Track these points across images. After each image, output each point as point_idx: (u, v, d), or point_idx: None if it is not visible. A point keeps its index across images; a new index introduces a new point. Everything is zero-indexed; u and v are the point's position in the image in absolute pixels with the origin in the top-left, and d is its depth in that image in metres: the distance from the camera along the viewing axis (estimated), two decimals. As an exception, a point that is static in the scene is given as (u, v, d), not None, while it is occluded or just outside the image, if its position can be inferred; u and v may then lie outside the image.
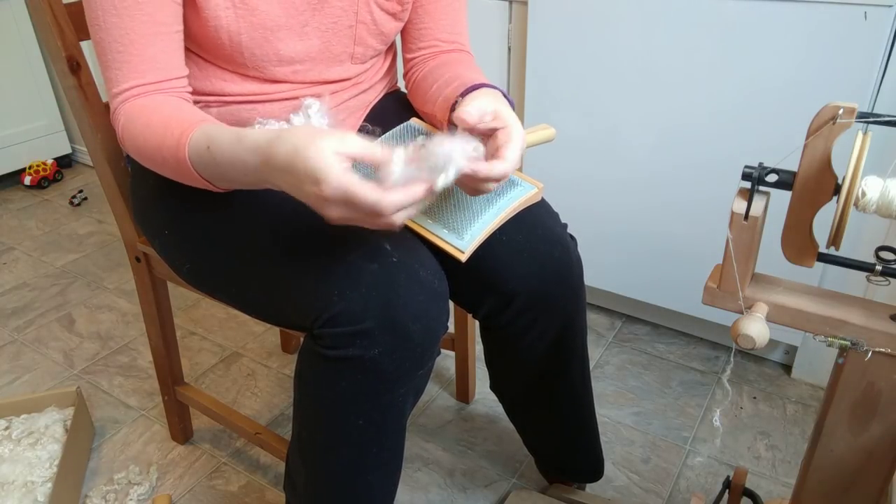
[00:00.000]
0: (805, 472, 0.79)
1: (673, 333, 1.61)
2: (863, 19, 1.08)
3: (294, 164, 0.61)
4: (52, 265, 2.00)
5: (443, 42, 0.97)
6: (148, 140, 0.75)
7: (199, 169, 0.72)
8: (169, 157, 0.73)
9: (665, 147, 1.36)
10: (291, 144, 0.61)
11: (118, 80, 0.77)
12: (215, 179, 0.73)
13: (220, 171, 0.70)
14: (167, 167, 0.75)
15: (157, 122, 0.75)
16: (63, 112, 2.55)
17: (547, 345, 0.96)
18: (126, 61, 0.76)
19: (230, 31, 0.79)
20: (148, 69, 0.77)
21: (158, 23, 0.76)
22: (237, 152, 0.67)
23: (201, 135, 0.70)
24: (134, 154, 0.79)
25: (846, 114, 0.59)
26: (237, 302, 0.86)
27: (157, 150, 0.74)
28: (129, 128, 0.77)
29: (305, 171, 0.60)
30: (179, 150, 0.71)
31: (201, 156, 0.70)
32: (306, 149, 0.60)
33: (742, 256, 0.68)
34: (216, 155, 0.69)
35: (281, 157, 0.62)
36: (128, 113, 0.77)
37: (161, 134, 0.73)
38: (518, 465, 1.27)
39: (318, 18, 0.84)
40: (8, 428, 1.28)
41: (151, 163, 0.78)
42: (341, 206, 0.61)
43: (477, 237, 0.75)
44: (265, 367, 1.55)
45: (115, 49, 0.75)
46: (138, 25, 0.75)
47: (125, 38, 0.75)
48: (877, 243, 0.72)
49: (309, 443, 0.83)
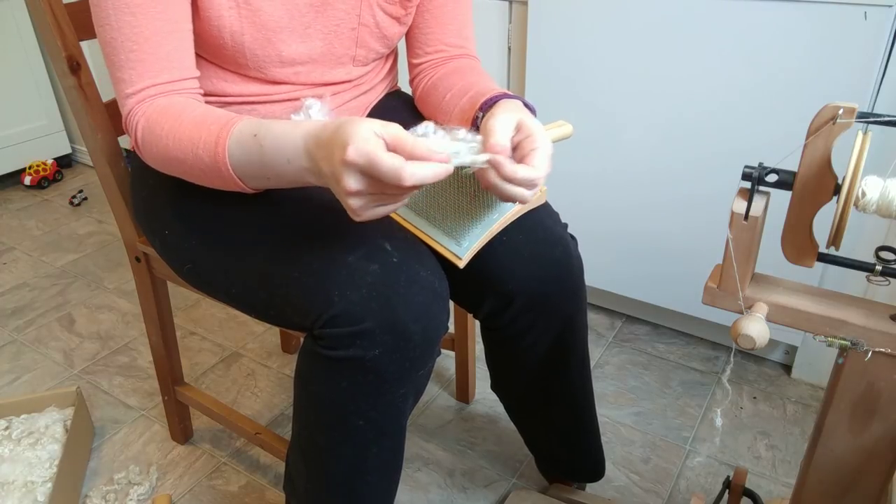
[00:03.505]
0: (805, 472, 0.79)
1: (673, 333, 1.61)
2: (863, 19, 1.08)
3: (334, 134, 0.61)
4: (52, 265, 2.00)
5: (450, 47, 0.96)
6: (179, 139, 0.73)
7: (238, 163, 0.70)
8: (204, 154, 0.71)
9: (665, 147, 1.36)
10: (341, 122, 0.62)
11: (132, 80, 0.75)
12: (251, 175, 0.71)
13: (262, 161, 0.69)
14: (198, 166, 0.73)
15: (188, 120, 0.73)
16: (63, 112, 2.56)
17: (547, 345, 0.96)
18: (140, 60, 0.74)
19: (233, 31, 0.79)
20: (162, 68, 0.75)
21: (171, 20, 0.75)
22: (291, 135, 0.66)
23: (247, 124, 0.70)
24: (156, 160, 0.77)
25: (846, 114, 0.59)
26: (237, 302, 0.86)
27: (191, 147, 0.72)
28: (154, 129, 0.75)
29: (338, 137, 0.60)
30: (219, 144, 0.70)
31: (244, 145, 0.69)
32: (349, 122, 0.61)
33: (742, 256, 0.68)
34: (264, 141, 0.68)
35: (328, 131, 0.63)
36: (149, 114, 0.75)
37: (196, 130, 0.72)
38: (518, 465, 1.27)
39: (321, 20, 0.84)
40: (8, 428, 1.28)
41: (179, 164, 0.75)
42: (361, 177, 0.60)
43: (475, 243, 0.75)
44: (265, 367, 1.55)
45: (127, 48, 0.74)
46: (151, 22, 0.73)
47: (138, 37, 0.73)
48: (877, 243, 0.72)
49: (309, 443, 0.83)
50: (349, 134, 0.60)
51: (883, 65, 1.12)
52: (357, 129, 0.60)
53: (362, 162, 0.59)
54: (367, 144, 0.59)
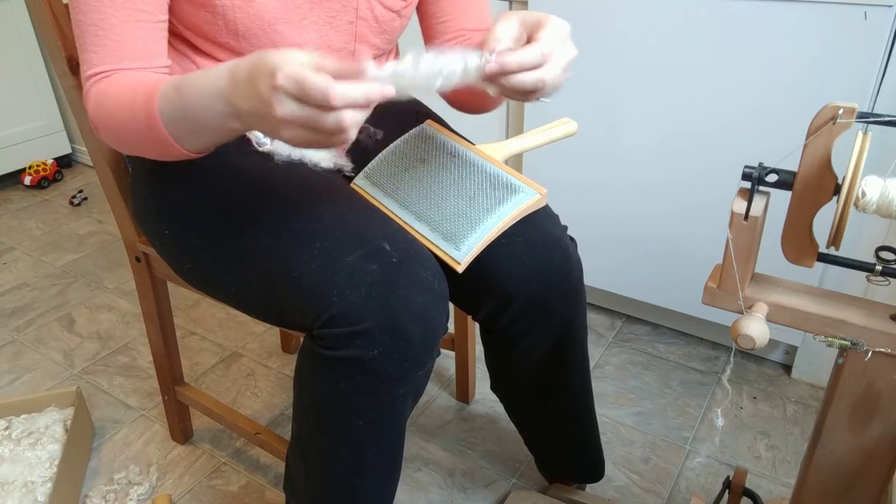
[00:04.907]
0: (805, 472, 0.79)
1: (673, 333, 1.61)
2: (863, 19, 1.08)
3: (255, 67, 0.59)
4: (52, 265, 2.00)
5: (470, 31, 0.95)
6: (119, 103, 0.72)
7: (167, 119, 0.69)
8: (140, 115, 0.70)
9: (665, 147, 1.36)
10: (258, 54, 0.60)
11: (92, 62, 0.74)
12: (180, 132, 0.69)
13: (185, 113, 0.67)
14: (139, 130, 0.72)
15: (128, 86, 0.72)
16: (63, 112, 2.56)
17: (547, 346, 0.96)
18: (102, 45, 0.74)
19: (227, 19, 0.78)
20: (126, 55, 0.75)
21: (139, 10, 0.74)
22: (206, 80, 0.65)
23: (171, 81, 0.68)
24: (106, 129, 0.76)
25: (846, 114, 0.59)
26: (237, 302, 0.86)
27: (129, 111, 0.71)
28: (101, 101, 0.74)
29: (262, 68, 0.58)
30: (150, 103, 0.69)
31: (169, 98, 0.68)
32: (269, 52, 0.59)
33: (742, 256, 0.68)
34: (184, 91, 0.66)
35: (244, 65, 0.61)
36: (99, 86, 0.74)
37: (132, 92, 0.71)
38: (518, 465, 1.27)
39: (317, 12, 0.84)
40: (8, 428, 1.28)
41: (122, 130, 0.74)
42: (292, 101, 0.58)
43: (474, 247, 0.75)
44: (265, 367, 1.55)
45: (91, 32, 0.74)
46: (118, 11, 0.73)
47: (104, 23, 0.73)
48: (877, 243, 0.72)
49: (309, 443, 0.83)
50: (274, 62, 0.57)
51: (883, 65, 1.12)
52: (282, 56, 0.57)
53: (291, 85, 0.57)
54: (295, 66, 0.56)
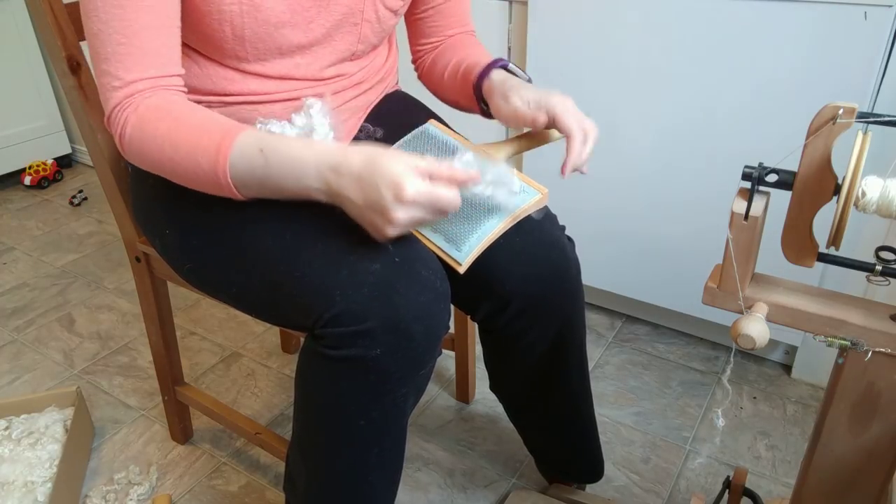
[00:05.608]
0: (805, 472, 0.79)
1: (673, 333, 1.61)
2: (863, 19, 1.08)
3: (373, 169, 0.66)
4: (52, 265, 2.00)
5: (451, 35, 1.02)
6: (177, 142, 0.73)
7: (238, 174, 0.71)
8: (203, 161, 0.71)
9: (665, 147, 1.36)
10: (366, 153, 0.67)
11: (119, 73, 0.73)
12: (249, 186, 0.73)
13: (266, 175, 0.71)
14: (193, 170, 0.73)
15: (190, 125, 0.73)
16: (63, 112, 2.56)
17: (546, 346, 0.96)
18: (128, 53, 0.73)
19: (234, 25, 0.78)
20: (151, 63, 0.74)
21: (162, 15, 0.74)
22: (302, 155, 0.70)
23: (251, 137, 0.72)
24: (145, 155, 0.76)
25: (846, 114, 0.59)
26: (238, 302, 0.86)
27: (190, 152, 0.72)
28: (146, 128, 0.74)
29: (384, 176, 0.65)
30: (221, 153, 0.71)
31: (249, 158, 0.71)
32: (383, 155, 0.67)
33: (742, 256, 0.68)
34: (270, 157, 0.70)
35: (356, 162, 0.67)
36: (141, 112, 0.74)
37: (196, 136, 0.72)
38: (518, 465, 1.27)
39: (324, 16, 0.84)
40: (8, 428, 1.28)
41: (172, 165, 0.74)
42: (415, 209, 0.66)
43: (475, 248, 0.75)
44: (265, 367, 1.55)
45: (115, 41, 0.72)
46: (142, 16, 0.73)
47: (128, 30, 0.72)
48: (877, 243, 0.72)
49: (309, 443, 0.83)
50: (395, 172, 0.65)
51: (883, 65, 1.12)
52: (398, 163, 0.66)
53: (424, 200, 0.66)
54: (420, 185, 0.65)
